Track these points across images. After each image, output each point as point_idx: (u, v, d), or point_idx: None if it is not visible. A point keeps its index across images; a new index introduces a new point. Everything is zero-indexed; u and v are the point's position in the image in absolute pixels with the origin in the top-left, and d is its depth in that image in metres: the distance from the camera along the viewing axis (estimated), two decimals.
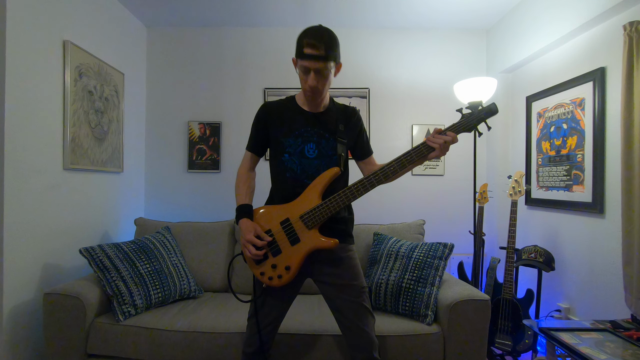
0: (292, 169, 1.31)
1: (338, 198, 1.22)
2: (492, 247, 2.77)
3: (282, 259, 1.27)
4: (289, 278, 1.27)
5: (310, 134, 1.31)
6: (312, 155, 1.31)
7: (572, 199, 2.09)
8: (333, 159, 1.32)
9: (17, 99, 1.70)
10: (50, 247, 1.93)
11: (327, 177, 1.27)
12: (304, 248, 1.26)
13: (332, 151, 1.32)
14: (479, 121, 1.18)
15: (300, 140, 1.31)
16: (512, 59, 2.56)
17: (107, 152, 2.40)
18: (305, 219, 1.25)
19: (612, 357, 1.27)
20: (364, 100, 2.89)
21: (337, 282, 1.31)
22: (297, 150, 1.31)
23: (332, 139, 1.32)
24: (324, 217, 1.24)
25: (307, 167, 1.31)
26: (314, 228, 1.25)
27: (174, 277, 2.04)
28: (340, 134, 1.33)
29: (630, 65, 1.64)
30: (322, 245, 1.25)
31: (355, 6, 2.59)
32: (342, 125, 1.35)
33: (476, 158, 2.47)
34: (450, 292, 1.76)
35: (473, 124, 1.18)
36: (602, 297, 1.90)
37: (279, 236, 1.28)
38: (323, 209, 1.23)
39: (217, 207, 2.85)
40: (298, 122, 1.33)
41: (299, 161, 1.31)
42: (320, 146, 1.31)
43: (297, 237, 1.26)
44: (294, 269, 1.26)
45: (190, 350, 1.69)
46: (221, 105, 2.91)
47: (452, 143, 1.16)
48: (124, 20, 2.62)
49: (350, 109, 1.42)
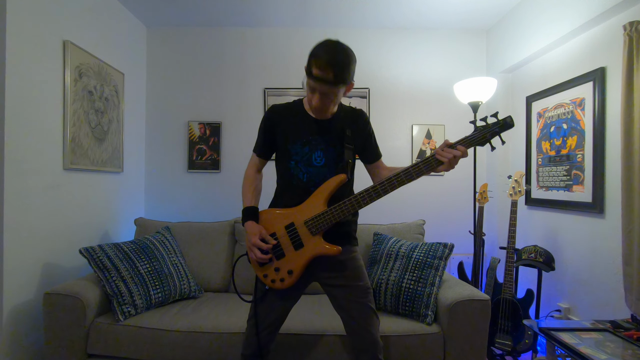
0: (297, 176, 1.31)
1: (343, 206, 1.21)
2: (492, 247, 2.77)
3: (285, 263, 1.27)
4: (291, 282, 1.27)
5: (318, 142, 1.30)
6: (320, 164, 1.30)
7: (572, 199, 2.09)
8: (340, 166, 1.31)
9: (17, 99, 1.70)
10: (50, 247, 1.93)
11: (334, 184, 1.25)
12: (307, 254, 1.26)
13: (339, 158, 1.30)
14: (493, 135, 1.11)
15: (307, 149, 1.30)
16: (512, 59, 2.56)
17: (107, 152, 2.40)
18: (309, 224, 1.25)
19: (612, 357, 1.27)
20: (364, 100, 2.89)
21: (343, 283, 1.31)
22: (304, 158, 1.30)
23: (340, 146, 1.30)
24: (328, 224, 1.23)
25: (313, 175, 1.30)
26: (318, 234, 1.25)
27: (174, 277, 2.04)
28: (348, 139, 1.31)
29: (630, 65, 1.64)
30: (326, 252, 1.24)
31: (355, 6, 2.59)
32: (349, 130, 1.33)
33: (476, 158, 2.47)
34: (450, 292, 1.76)
35: (487, 138, 1.12)
36: (602, 297, 1.90)
37: (284, 240, 1.28)
38: (328, 216, 1.22)
39: (217, 207, 2.85)
40: (305, 129, 1.31)
41: (305, 169, 1.30)
42: (328, 154, 1.30)
43: (301, 242, 1.26)
44: (297, 273, 1.26)
45: (190, 350, 1.69)
46: (221, 105, 2.91)
47: (462, 157, 1.12)
48: (124, 20, 2.62)
49: (358, 111, 1.40)
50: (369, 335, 1.30)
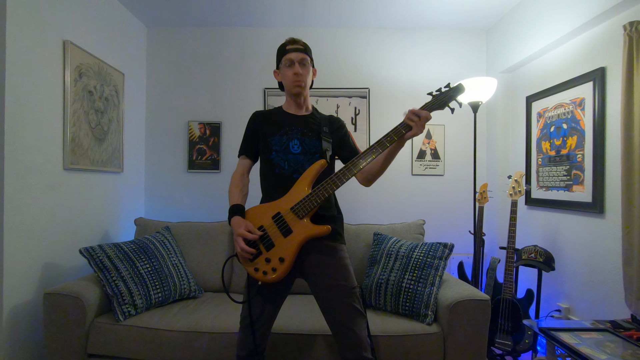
0: (279, 165, 1.38)
1: (326, 185, 1.26)
2: (492, 247, 2.77)
3: (275, 252, 1.28)
4: (283, 270, 1.27)
5: (294, 132, 1.41)
6: (297, 151, 1.39)
7: (572, 199, 2.09)
8: (316, 157, 1.38)
9: (17, 99, 1.70)
10: (50, 247, 1.93)
11: (315, 170, 1.32)
12: (297, 238, 1.27)
13: (315, 149, 1.39)
14: (450, 99, 1.27)
15: (285, 138, 1.40)
16: (512, 59, 2.56)
17: (107, 152, 2.40)
18: (295, 209, 1.28)
19: (612, 357, 1.27)
20: (364, 100, 2.89)
21: (328, 282, 1.31)
22: (282, 147, 1.39)
23: (315, 138, 1.41)
24: (314, 205, 1.26)
25: (293, 162, 1.38)
26: (305, 217, 1.27)
27: (174, 277, 2.04)
28: (325, 134, 1.43)
29: (630, 65, 1.64)
30: (315, 232, 1.27)
31: (354, 6, 2.59)
32: (326, 128, 1.45)
33: (476, 158, 2.47)
34: (450, 292, 1.76)
35: (444, 101, 1.27)
36: (602, 297, 1.90)
37: (271, 230, 1.30)
38: (312, 198, 1.26)
39: (217, 207, 2.85)
40: (283, 122, 1.43)
41: (285, 157, 1.38)
42: (304, 143, 1.39)
43: (289, 229, 1.28)
44: (288, 260, 1.27)
45: (190, 350, 1.69)
46: (221, 105, 2.91)
47: (427, 120, 1.24)
48: (124, 20, 2.62)
49: (335, 117, 1.52)
50: (353, 334, 1.30)
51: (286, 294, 1.41)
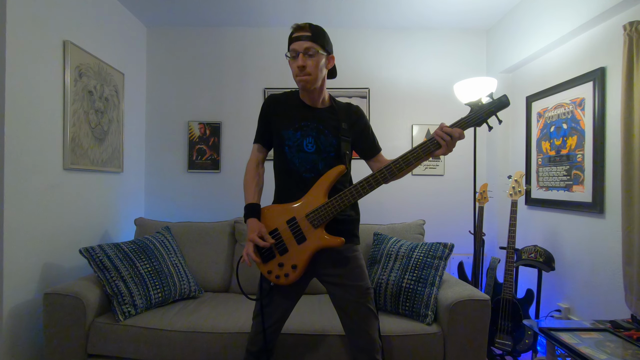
0: (293, 161, 1.31)
1: (344, 196, 1.22)
2: (492, 247, 2.77)
3: (288, 258, 1.27)
4: (295, 277, 1.26)
5: (310, 128, 1.31)
6: (311, 150, 1.31)
7: (572, 199, 2.09)
8: (331, 155, 1.32)
9: (17, 99, 1.70)
10: (50, 247, 1.93)
11: (333, 175, 1.26)
12: (310, 247, 1.25)
13: (330, 147, 1.31)
14: (489, 115, 1.13)
15: (299, 134, 1.31)
16: (512, 59, 2.56)
17: (107, 152, 2.40)
18: (311, 217, 1.24)
19: (612, 357, 1.27)
20: (364, 100, 2.89)
21: (343, 283, 1.31)
22: (295, 143, 1.31)
23: (331, 135, 1.31)
24: (329, 216, 1.23)
25: (304, 161, 1.30)
26: (320, 227, 1.24)
27: (174, 277, 2.04)
28: (344, 131, 1.33)
29: (630, 65, 1.64)
30: (329, 244, 1.24)
31: (355, 6, 2.59)
32: (345, 124, 1.34)
33: (476, 158, 2.47)
34: (450, 292, 1.76)
35: (483, 118, 1.14)
36: (602, 297, 1.90)
37: (286, 235, 1.27)
38: (329, 208, 1.22)
39: (217, 207, 2.85)
40: (297, 115, 1.33)
41: (297, 154, 1.31)
42: (319, 141, 1.31)
43: (304, 236, 1.25)
44: (301, 267, 1.26)
45: (190, 350, 1.69)
46: (221, 105, 2.91)
47: (459, 139, 1.14)
48: (124, 20, 2.62)
49: (354, 106, 1.42)
50: (367, 335, 1.30)
51: (301, 294, 1.40)
